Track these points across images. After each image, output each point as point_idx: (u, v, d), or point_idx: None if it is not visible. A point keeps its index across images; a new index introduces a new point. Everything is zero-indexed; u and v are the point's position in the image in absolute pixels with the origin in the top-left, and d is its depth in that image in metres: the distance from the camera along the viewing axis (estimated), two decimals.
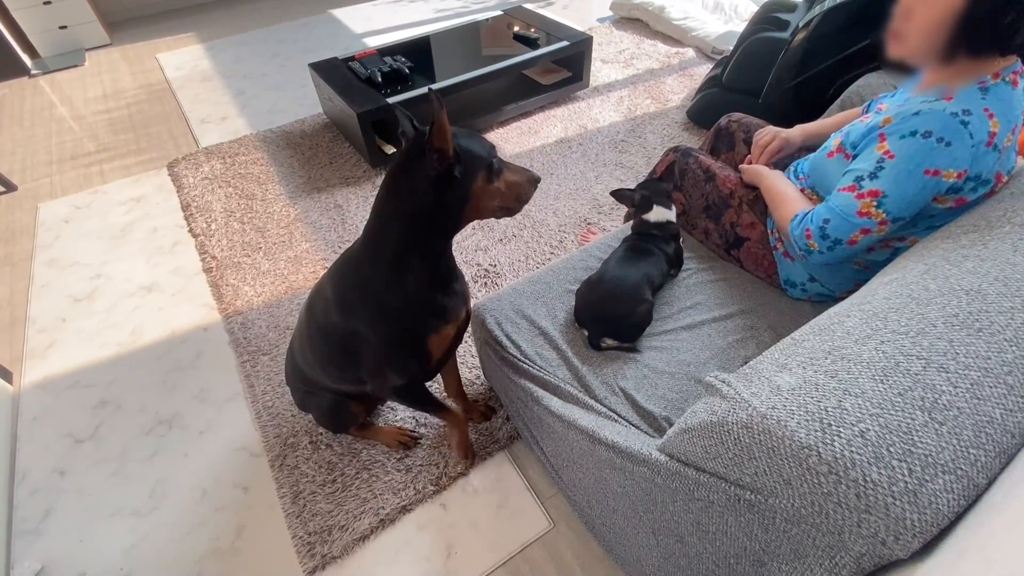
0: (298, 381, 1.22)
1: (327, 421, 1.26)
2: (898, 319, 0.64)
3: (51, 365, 1.61)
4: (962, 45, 0.84)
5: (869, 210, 0.92)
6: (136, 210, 2.14)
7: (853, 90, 1.53)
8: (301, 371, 1.18)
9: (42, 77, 3.13)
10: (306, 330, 1.09)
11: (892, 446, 0.50)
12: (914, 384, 0.55)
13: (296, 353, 1.17)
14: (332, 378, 1.11)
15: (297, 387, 1.24)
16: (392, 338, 0.97)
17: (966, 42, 0.83)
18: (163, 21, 3.71)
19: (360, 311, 0.96)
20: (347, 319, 0.98)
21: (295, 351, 1.18)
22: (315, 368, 1.11)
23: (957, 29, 0.82)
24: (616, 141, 2.33)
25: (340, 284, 0.99)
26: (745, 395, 0.60)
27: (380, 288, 0.93)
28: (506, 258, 1.82)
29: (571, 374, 1.07)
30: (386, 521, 1.21)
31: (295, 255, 1.88)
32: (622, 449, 0.82)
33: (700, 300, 1.20)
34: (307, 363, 1.13)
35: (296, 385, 1.24)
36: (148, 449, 1.39)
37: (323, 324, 1.02)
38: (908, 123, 0.88)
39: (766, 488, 0.57)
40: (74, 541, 1.24)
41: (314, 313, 1.05)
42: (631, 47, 3.01)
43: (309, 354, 1.11)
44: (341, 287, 0.98)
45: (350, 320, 0.97)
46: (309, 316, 1.08)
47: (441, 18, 3.51)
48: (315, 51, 3.18)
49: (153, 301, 1.77)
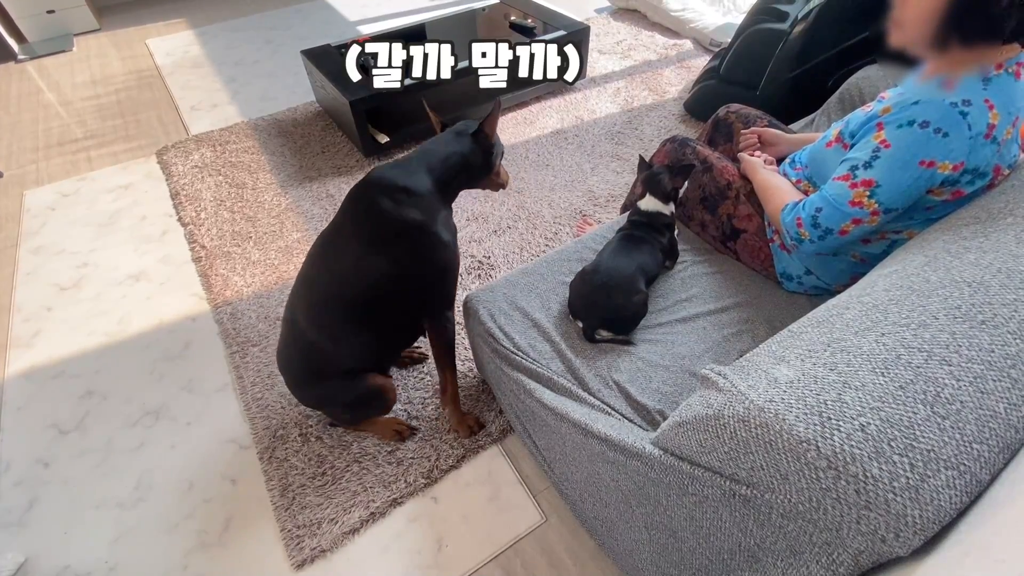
0: (309, 379, 1.16)
1: (360, 407, 1.21)
2: (899, 311, 0.62)
3: (36, 354, 1.58)
4: (954, 32, 0.82)
5: (861, 200, 0.91)
6: (124, 198, 2.10)
7: (852, 83, 1.52)
8: (313, 361, 1.12)
9: (29, 62, 3.06)
10: (318, 300, 1.09)
11: (893, 440, 0.49)
12: (916, 377, 0.53)
13: (304, 335, 1.11)
14: (351, 344, 1.11)
15: (310, 390, 1.19)
16: (450, 269, 1.13)
17: (957, 29, 0.82)
18: (153, 6, 3.64)
19: (420, 250, 1.06)
20: (398, 263, 1.04)
21: (303, 334, 1.12)
22: (335, 336, 1.10)
23: (948, 15, 0.80)
24: (613, 133, 2.31)
25: (384, 233, 1.04)
26: (742, 388, 0.58)
27: (437, 227, 1.07)
28: (500, 250, 1.80)
29: (564, 367, 1.06)
30: (376, 514, 1.20)
31: (286, 245, 1.85)
32: (615, 442, 0.80)
33: (696, 293, 1.19)
34: (323, 336, 1.10)
35: (308, 386, 1.18)
36: (134, 440, 1.37)
37: (353, 280, 1.06)
38: (906, 112, 0.86)
39: (762, 483, 0.56)
40: (58, 533, 1.21)
41: (333, 276, 1.07)
42: (628, 38, 2.98)
43: (325, 322, 1.09)
44: (386, 235, 1.04)
45: (400, 263, 1.05)
46: (318, 286, 1.09)
47: (436, 6, 3.45)
48: (308, 38, 3.12)
49: (141, 290, 1.74)
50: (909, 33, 0.87)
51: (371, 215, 1.04)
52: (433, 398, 1.40)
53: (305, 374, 1.16)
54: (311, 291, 1.10)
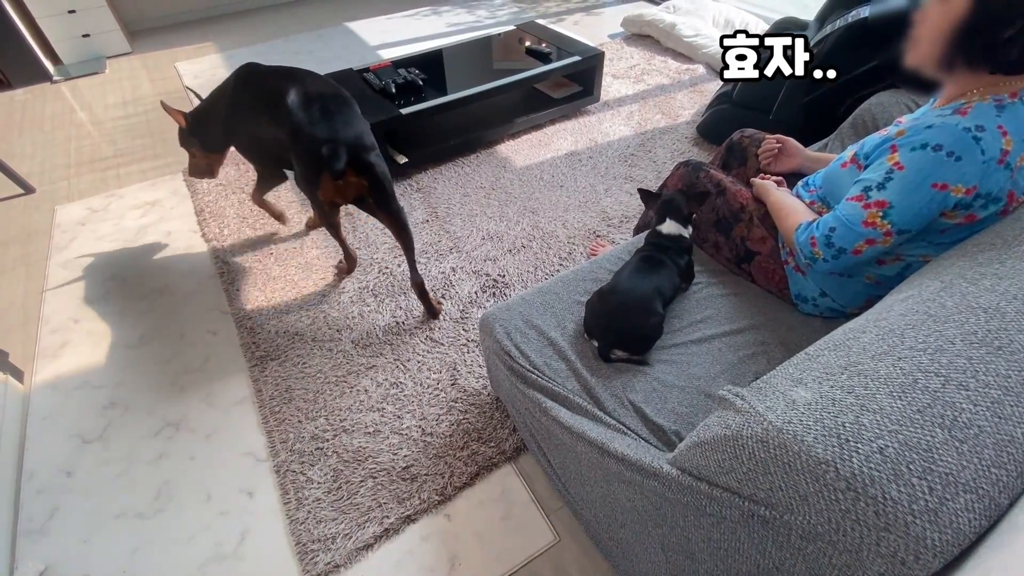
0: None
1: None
2: (915, 336, 0.63)
3: (62, 365, 1.62)
4: (959, 55, 0.85)
5: (875, 220, 0.92)
6: (151, 214, 2.17)
7: (865, 108, 1.54)
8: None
9: (64, 83, 3.19)
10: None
11: (912, 463, 0.50)
12: (933, 401, 0.54)
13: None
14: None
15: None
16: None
17: (962, 52, 0.84)
18: (183, 30, 3.80)
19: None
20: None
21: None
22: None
23: (955, 37, 0.83)
24: (626, 155, 2.34)
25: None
26: (760, 409, 0.59)
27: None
28: (515, 268, 1.83)
29: (580, 385, 1.07)
30: (390, 530, 1.20)
31: (305, 261, 1.89)
32: (632, 462, 0.81)
33: (710, 314, 1.20)
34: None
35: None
36: (155, 451, 1.39)
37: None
38: (920, 136, 0.88)
39: (781, 504, 0.57)
40: (78, 542, 1.23)
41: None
42: (642, 63, 3.04)
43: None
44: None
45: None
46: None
47: (454, 32, 3.56)
48: (330, 62, 3.23)
49: (164, 304, 1.79)
50: (922, 51, 0.90)
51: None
52: (448, 415, 1.41)
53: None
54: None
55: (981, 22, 0.80)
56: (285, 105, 1.36)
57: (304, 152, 1.34)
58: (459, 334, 1.62)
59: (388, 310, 1.70)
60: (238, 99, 1.56)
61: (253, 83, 1.53)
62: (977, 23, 0.81)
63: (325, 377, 1.52)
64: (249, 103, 1.52)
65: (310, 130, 1.33)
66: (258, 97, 1.49)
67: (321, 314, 1.70)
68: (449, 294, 1.75)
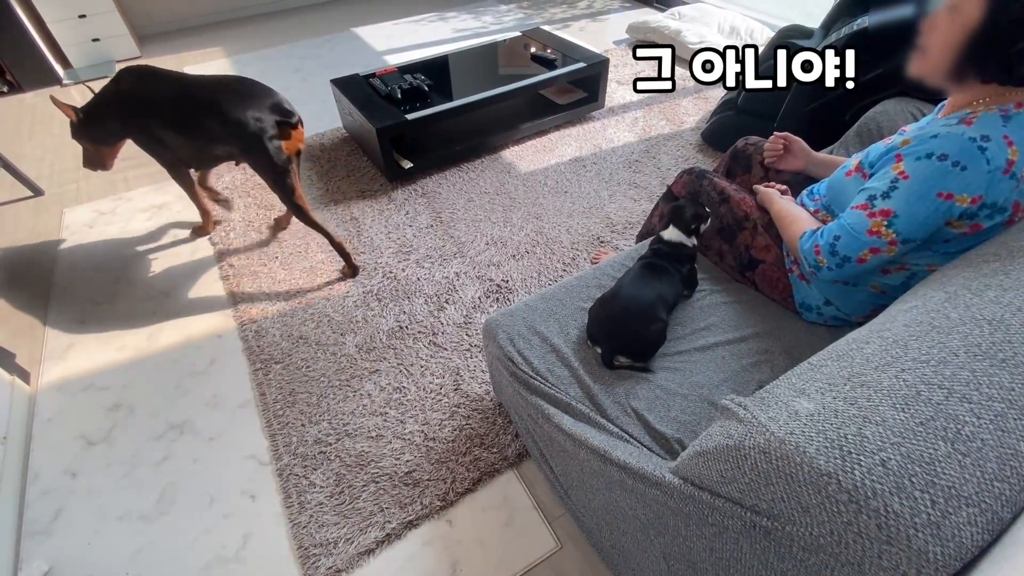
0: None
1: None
2: (919, 347, 0.63)
3: (68, 367, 1.63)
4: (971, 67, 0.84)
5: (879, 229, 0.92)
6: (158, 217, 2.19)
7: (870, 116, 1.54)
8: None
9: (73, 87, 3.23)
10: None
11: (914, 476, 0.50)
12: (936, 414, 0.54)
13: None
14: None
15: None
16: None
17: (974, 64, 0.84)
18: (192, 35, 3.83)
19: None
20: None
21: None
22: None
23: (968, 49, 0.83)
24: (630, 161, 2.35)
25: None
26: (762, 419, 0.59)
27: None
28: (519, 274, 1.83)
29: (583, 392, 1.07)
30: (392, 536, 1.21)
31: (310, 265, 1.90)
32: (634, 470, 0.81)
33: (714, 321, 1.20)
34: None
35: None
36: (159, 453, 1.40)
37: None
38: (925, 145, 0.88)
39: (783, 515, 0.57)
40: (82, 544, 1.24)
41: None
42: (647, 69, 3.04)
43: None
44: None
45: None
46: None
47: (460, 37, 3.58)
48: (337, 67, 3.25)
49: (170, 307, 1.80)
50: (931, 61, 0.90)
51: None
52: (450, 420, 1.41)
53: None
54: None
55: (994, 34, 0.80)
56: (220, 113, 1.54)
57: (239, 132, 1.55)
58: (462, 339, 1.62)
59: (392, 314, 1.71)
60: (133, 98, 1.65)
61: (150, 85, 1.64)
62: (990, 35, 0.80)
63: (329, 381, 1.53)
64: (158, 106, 1.63)
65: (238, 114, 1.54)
66: (169, 101, 1.62)
67: (325, 318, 1.71)
68: (453, 299, 1.75)
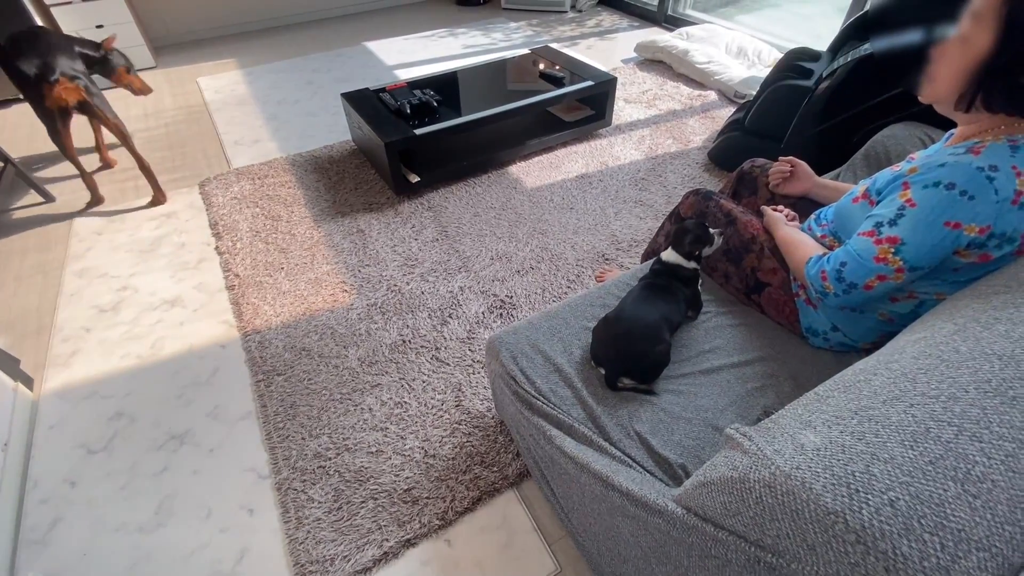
0: None
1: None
2: (928, 381, 0.62)
3: (72, 374, 1.64)
4: (979, 96, 0.84)
5: (886, 256, 0.91)
6: (166, 225, 2.21)
7: (878, 140, 1.54)
8: None
9: None
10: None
11: (923, 518, 0.49)
12: (946, 452, 0.53)
13: None
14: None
15: None
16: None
17: (983, 94, 0.84)
18: (206, 47, 3.90)
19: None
20: None
21: None
22: None
23: (976, 78, 0.83)
24: (637, 179, 2.35)
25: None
26: (768, 452, 0.58)
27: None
28: (523, 290, 1.83)
29: (585, 414, 1.06)
30: (389, 554, 1.19)
31: (315, 277, 1.91)
32: (636, 497, 0.80)
33: (719, 344, 1.19)
34: None
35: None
36: (158, 464, 1.40)
37: None
38: (933, 173, 0.88)
39: (788, 552, 0.55)
40: (78, 554, 1.23)
41: None
42: (654, 88, 3.07)
43: None
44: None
45: None
46: None
47: (469, 54, 3.62)
48: (347, 81, 3.30)
49: (175, 316, 1.81)
50: (940, 89, 0.90)
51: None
52: (451, 437, 1.40)
53: None
54: None
55: (1003, 65, 0.79)
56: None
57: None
58: (465, 354, 1.62)
59: (395, 328, 1.71)
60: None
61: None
62: (999, 65, 0.80)
63: (330, 394, 1.52)
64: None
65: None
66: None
67: (328, 330, 1.71)
68: (456, 313, 1.75)
